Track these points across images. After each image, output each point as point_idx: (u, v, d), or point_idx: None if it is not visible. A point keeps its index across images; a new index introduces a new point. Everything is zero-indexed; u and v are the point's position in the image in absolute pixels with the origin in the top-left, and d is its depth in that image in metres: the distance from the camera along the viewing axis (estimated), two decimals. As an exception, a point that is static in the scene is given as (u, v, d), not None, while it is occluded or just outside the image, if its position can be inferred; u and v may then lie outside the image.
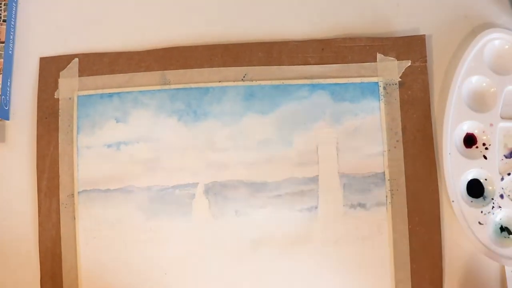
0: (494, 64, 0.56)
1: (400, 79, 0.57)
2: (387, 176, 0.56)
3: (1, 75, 0.58)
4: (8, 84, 0.59)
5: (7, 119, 0.59)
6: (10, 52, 0.60)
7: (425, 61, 0.57)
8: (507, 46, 0.57)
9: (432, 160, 0.56)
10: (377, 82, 0.57)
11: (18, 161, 0.58)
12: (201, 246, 0.56)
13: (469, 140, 0.56)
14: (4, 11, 0.59)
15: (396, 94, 0.57)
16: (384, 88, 0.57)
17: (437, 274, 0.55)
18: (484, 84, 0.56)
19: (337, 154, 0.56)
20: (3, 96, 0.58)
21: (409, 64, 0.57)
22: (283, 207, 0.56)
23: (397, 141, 0.56)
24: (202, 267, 0.56)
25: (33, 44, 0.60)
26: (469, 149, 0.56)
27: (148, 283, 0.56)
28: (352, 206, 0.56)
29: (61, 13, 0.61)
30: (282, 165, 0.56)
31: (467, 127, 0.56)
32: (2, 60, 0.59)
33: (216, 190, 0.56)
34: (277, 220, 0.56)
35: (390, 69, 0.57)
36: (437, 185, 0.56)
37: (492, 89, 0.56)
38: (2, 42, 0.59)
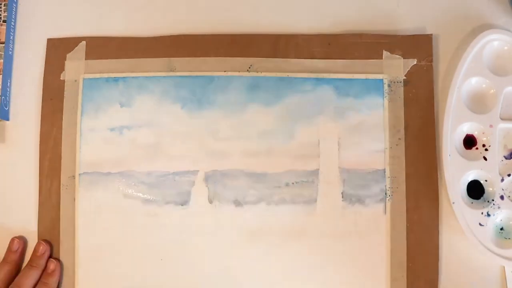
0: (493, 65, 0.56)
1: (405, 77, 0.57)
2: (387, 174, 0.56)
3: (1, 75, 0.58)
4: (8, 84, 0.59)
5: (7, 119, 0.59)
6: (10, 52, 0.60)
7: (431, 61, 0.57)
8: (506, 47, 0.56)
9: (433, 159, 0.56)
10: (382, 79, 0.57)
11: (18, 162, 0.58)
12: (198, 234, 0.56)
13: (469, 142, 0.56)
14: (4, 11, 0.60)
15: (400, 92, 0.57)
16: (389, 85, 0.57)
17: (433, 274, 0.55)
18: (484, 85, 0.56)
19: (339, 149, 0.56)
20: (3, 97, 0.58)
21: (415, 62, 0.57)
22: (282, 199, 0.56)
23: (399, 139, 0.56)
24: (199, 254, 0.56)
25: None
26: (469, 150, 0.56)
27: (145, 268, 0.56)
28: (351, 201, 0.56)
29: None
30: (283, 157, 0.56)
31: (467, 128, 0.56)
32: (2, 60, 0.59)
33: (216, 179, 0.56)
34: (276, 212, 0.56)
35: (395, 66, 0.57)
36: (437, 184, 0.56)
37: (492, 90, 0.56)
38: (2, 43, 0.59)
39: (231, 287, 0.56)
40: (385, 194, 0.56)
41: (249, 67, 0.58)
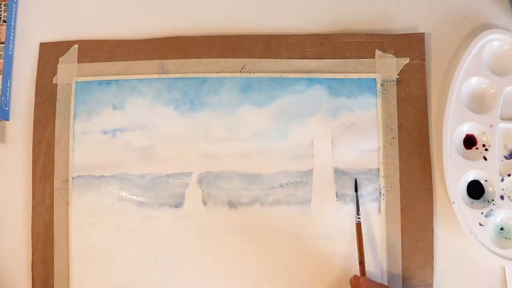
0: (493, 65, 0.56)
1: (398, 76, 0.57)
2: (381, 173, 0.56)
3: (1, 75, 0.58)
4: (8, 84, 0.59)
5: (7, 119, 0.59)
6: (10, 52, 0.60)
7: (424, 59, 0.57)
8: (506, 47, 0.56)
9: (427, 158, 0.56)
10: (375, 79, 0.57)
11: (18, 162, 0.58)
12: (192, 236, 0.56)
13: (469, 141, 0.56)
14: (4, 11, 0.59)
15: (393, 91, 0.57)
16: (382, 84, 0.57)
17: (428, 272, 0.55)
18: (484, 85, 0.56)
19: (332, 148, 0.56)
20: (3, 97, 0.58)
21: (408, 61, 0.57)
22: (276, 199, 0.56)
23: (393, 138, 0.56)
24: (193, 256, 0.56)
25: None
26: (469, 150, 0.56)
27: (139, 271, 0.56)
28: (345, 201, 0.56)
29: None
30: (277, 157, 0.56)
31: (467, 128, 0.56)
32: (2, 60, 0.59)
33: (210, 180, 0.56)
34: (270, 213, 0.56)
35: (388, 66, 0.57)
36: (431, 183, 0.56)
37: (492, 90, 0.56)
38: (2, 43, 0.59)
39: (226, 289, 0.55)
40: (379, 193, 0.56)
41: (242, 68, 0.58)
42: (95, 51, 0.59)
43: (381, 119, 0.57)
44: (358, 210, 0.54)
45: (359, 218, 0.54)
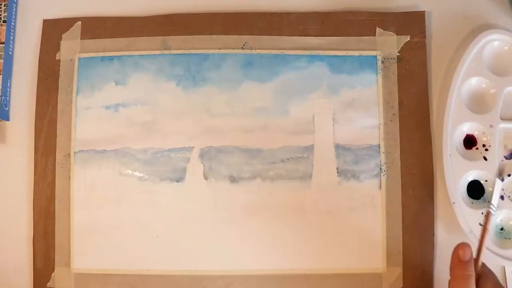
0: (493, 65, 0.56)
1: (398, 54, 0.57)
2: (382, 149, 0.56)
3: (1, 75, 0.58)
4: (8, 84, 0.59)
5: (7, 119, 0.59)
6: (10, 53, 0.60)
7: (424, 37, 0.57)
8: (506, 47, 0.56)
9: (428, 135, 0.56)
10: (376, 56, 0.57)
11: (18, 162, 0.58)
12: (193, 210, 0.56)
13: (469, 142, 0.56)
14: (4, 11, 0.60)
15: (394, 68, 0.57)
16: (382, 62, 0.57)
17: (429, 248, 0.55)
18: (484, 85, 0.56)
19: (333, 124, 0.56)
20: (3, 97, 0.58)
21: (408, 39, 0.57)
22: (277, 174, 0.56)
23: (394, 114, 0.57)
24: (194, 231, 0.56)
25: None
26: (469, 150, 0.56)
27: (140, 245, 0.56)
28: (346, 177, 0.56)
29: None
30: (278, 133, 0.56)
31: (467, 128, 0.56)
32: (2, 60, 0.59)
33: (211, 155, 0.56)
34: (271, 188, 0.56)
35: (389, 43, 0.58)
36: (432, 160, 0.56)
37: (492, 90, 0.56)
38: (2, 43, 0.59)
39: (226, 263, 0.55)
40: (380, 169, 0.56)
41: (244, 45, 0.58)
42: (98, 28, 0.59)
43: (382, 96, 0.57)
44: (494, 199, 0.52)
45: (492, 208, 0.51)
